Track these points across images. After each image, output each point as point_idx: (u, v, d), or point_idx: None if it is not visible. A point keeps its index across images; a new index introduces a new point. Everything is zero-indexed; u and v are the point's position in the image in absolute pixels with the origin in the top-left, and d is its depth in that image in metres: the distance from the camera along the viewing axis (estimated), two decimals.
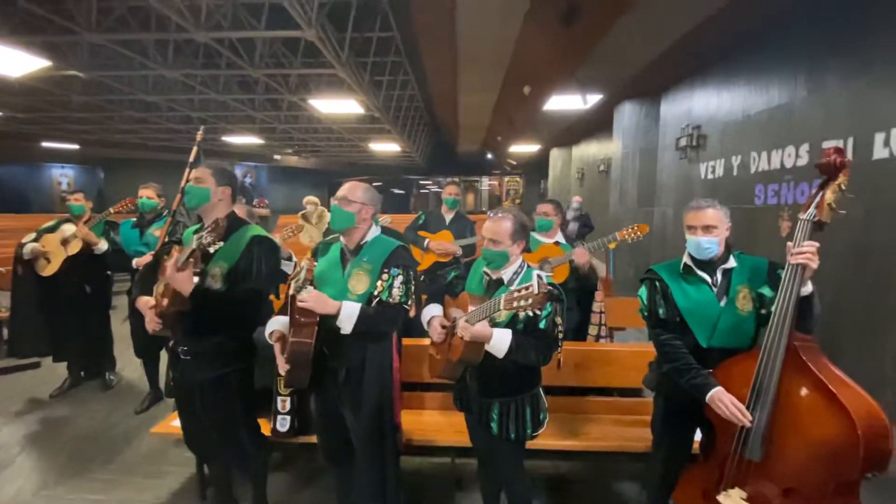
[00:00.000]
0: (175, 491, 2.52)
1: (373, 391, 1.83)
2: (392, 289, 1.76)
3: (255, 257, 1.91)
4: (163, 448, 2.88)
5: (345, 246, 1.88)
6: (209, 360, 1.91)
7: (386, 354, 1.94)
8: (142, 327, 3.31)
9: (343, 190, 1.86)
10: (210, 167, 1.97)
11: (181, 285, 1.74)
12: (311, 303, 1.64)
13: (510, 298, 1.43)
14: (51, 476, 2.65)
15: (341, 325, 1.69)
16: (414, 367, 2.55)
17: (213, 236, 1.69)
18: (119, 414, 3.39)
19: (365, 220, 1.85)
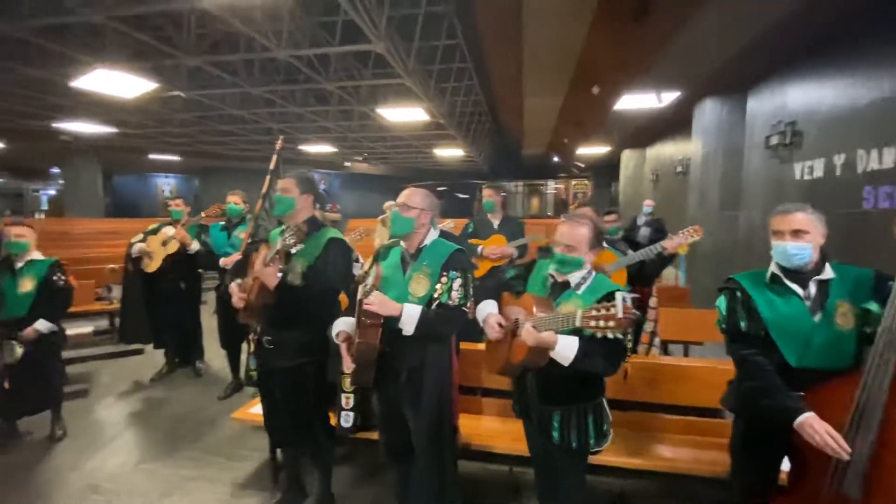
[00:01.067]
0: (251, 473, 2.73)
1: (432, 392, 1.87)
2: (451, 291, 1.79)
3: (331, 257, 2.09)
4: (242, 433, 3.13)
5: (405, 250, 1.94)
6: (289, 350, 2.09)
7: (445, 356, 1.97)
8: (227, 321, 3.67)
9: (402, 196, 1.92)
10: (295, 177, 2.15)
11: (267, 280, 1.95)
12: (375, 305, 1.71)
13: (589, 317, 1.38)
14: (149, 451, 2.99)
15: (403, 327, 1.75)
16: (472, 370, 2.55)
17: (294, 238, 1.88)
18: (206, 399, 3.73)
19: (424, 224, 1.92)
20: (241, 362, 3.71)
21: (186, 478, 2.69)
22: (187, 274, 3.96)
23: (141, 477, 2.70)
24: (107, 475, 2.71)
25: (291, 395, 2.14)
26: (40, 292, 2.88)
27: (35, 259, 2.96)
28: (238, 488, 2.59)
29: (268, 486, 2.59)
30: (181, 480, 2.66)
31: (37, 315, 2.85)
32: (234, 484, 2.63)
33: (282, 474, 2.57)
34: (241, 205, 3.71)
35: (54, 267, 2.98)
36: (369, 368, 1.81)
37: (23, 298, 2.85)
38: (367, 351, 1.77)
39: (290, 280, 2.03)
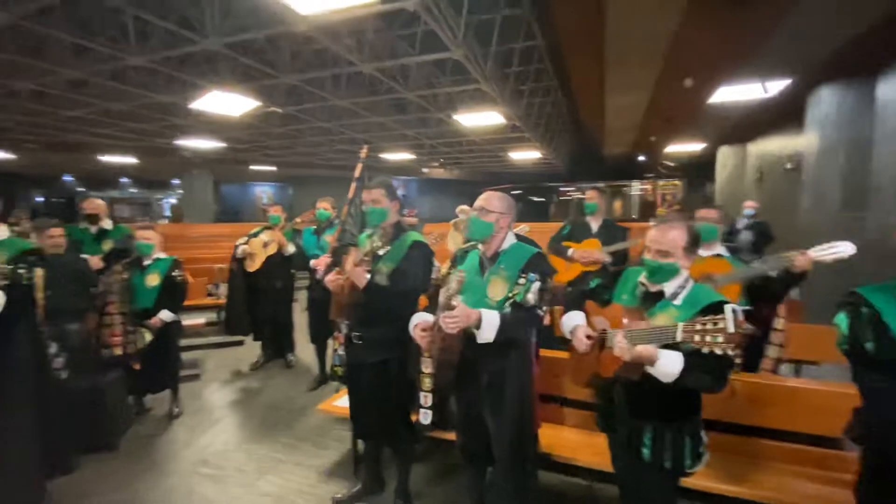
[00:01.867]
0: (335, 462, 2.90)
1: (513, 398, 1.86)
2: (528, 293, 1.77)
3: (413, 260, 2.19)
4: (327, 424, 3.33)
5: (483, 254, 1.96)
6: (375, 346, 2.23)
7: (526, 362, 1.96)
8: (317, 319, 3.93)
9: (480, 201, 1.94)
10: (383, 188, 2.26)
11: (357, 279, 2.09)
12: (457, 317, 1.69)
13: (692, 330, 1.28)
14: (247, 434, 3.30)
15: (483, 334, 1.73)
16: (553, 379, 2.48)
17: (382, 240, 2.01)
18: (296, 390, 4.04)
19: (502, 228, 1.93)
20: (327, 358, 3.97)
21: (279, 460, 2.93)
22: (283, 274, 4.33)
23: (242, 456, 2.99)
24: (214, 452, 3.03)
25: (377, 389, 2.26)
26: (163, 287, 3.34)
27: (159, 258, 3.42)
28: (323, 475, 2.77)
29: (349, 476, 2.73)
30: (275, 462, 2.90)
31: (161, 306, 3.31)
32: (320, 471, 2.81)
33: (362, 465, 2.69)
34: (330, 210, 3.98)
35: (174, 264, 3.43)
36: (450, 371, 1.84)
37: (149, 292, 3.31)
38: (448, 354, 1.79)
39: (377, 280, 2.15)
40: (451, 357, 1.79)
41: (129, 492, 2.60)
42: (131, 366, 3.19)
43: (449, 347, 1.78)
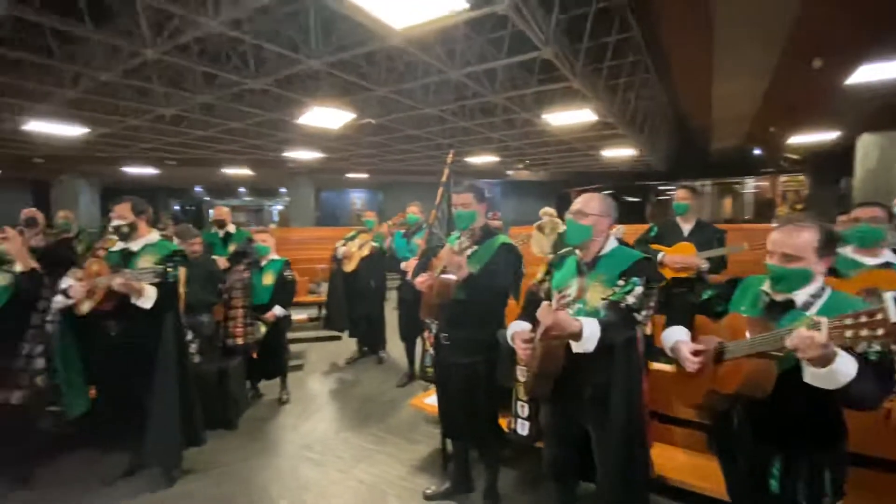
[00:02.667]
0: (424, 457, 2.98)
1: (621, 413, 1.74)
2: (627, 295, 1.63)
3: (501, 262, 2.19)
4: (416, 420, 3.45)
5: (580, 259, 1.87)
6: (463, 347, 2.25)
7: (635, 373, 1.82)
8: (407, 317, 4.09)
9: (578, 203, 1.86)
10: (472, 192, 2.29)
11: (457, 271, 2.09)
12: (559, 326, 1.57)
13: (842, 326, 1.08)
14: (344, 423, 3.53)
15: (584, 346, 1.61)
16: (659, 395, 2.30)
17: (469, 241, 2.03)
18: (387, 385, 4.24)
19: (602, 231, 1.83)
20: (417, 355, 4.12)
21: (372, 451, 3.09)
22: (376, 274, 4.59)
23: (340, 443, 3.21)
24: (316, 438, 3.29)
25: (464, 390, 2.27)
26: (277, 285, 3.72)
27: (273, 259, 3.82)
28: (413, 468, 2.86)
29: (438, 472, 2.79)
30: (369, 452, 3.07)
31: (274, 302, 3.69)
32: (410, 464, 2.91)
33: (451, 464, 2.74)
34: (419, 214, 4.13)
35: (286, 265, 3.82)
36: (549, 381, 1.77)
37: (265, 290, 3.72)
38: (550, 364, 1.72)
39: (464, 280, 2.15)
40: (554, 368, 1.72)
41: (245, 466, 2.92)
42: (250, 354, 3.61)
43: (551, 358, 1.70)
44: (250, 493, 2.63)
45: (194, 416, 2.75)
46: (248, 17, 4.82)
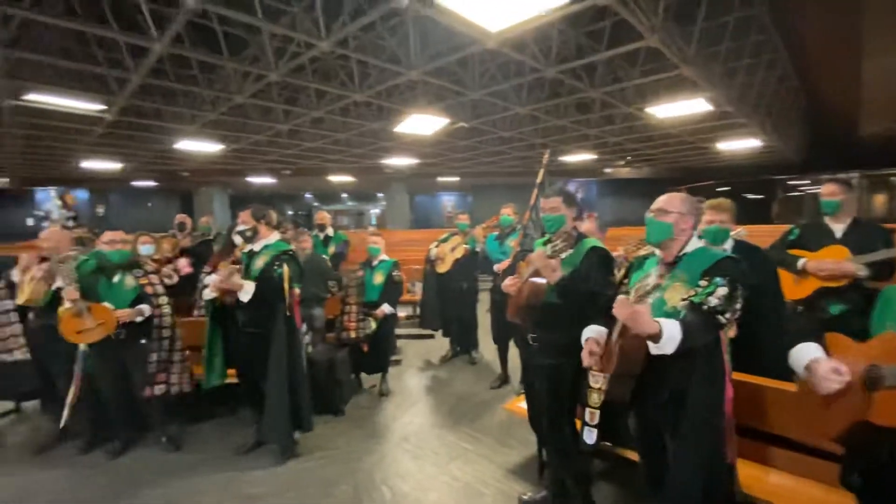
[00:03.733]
0: (518, 462, 2.95)
1: (699, 419, 1.63)
2: (710, 296, 1.51)
3: (591, 265, 2.16)
4: (510, 423, 3.42)
5: (661, 260, 1.79)
6: (550, 349, 2.23)
7: (718, 380, 1.69)
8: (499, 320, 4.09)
9: (659, 202, 1.80)
10: (560, 195, 2.28)
11: (549, 275, 2.10)
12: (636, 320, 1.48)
13: None
14: (439, 419, 3.62)
15: (663, 348, 1.50)
16: (751, 409, 2.07)
17: (564, 245, 2.01)
18: (480, 385, 4.26)
19: (684, 231, 1.75)
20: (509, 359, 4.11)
21: (467, 449, 3.13)
22: (468, 276, 4.66)
23: (435, 439, 3.30)
24: (413, 431, 3.43)
25: (549, 392, 2.25)
26: (386, 284, 4.00)
27: (383, 259, 4.11)
28: (507, 472, 2.84)
29: (533, 479, 2.73)
30: (463, 450, 3.12)
31: (383, 300, 3.98)
32: (505, 467, 2.89)
33: (547, 472, 2.67)
34: (513, 216, 4.10)
35: (395, 265, 4.09)
36: (628, 383, 1.68)
37: (375, 288, 4.03)
38: (628, 365, 1.63)
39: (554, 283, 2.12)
40: (632, 369, 1.63)
41: (350, 451, 3.14)
42: (361, 348, 3.91)
43: (630, 358, 1.62)
44: (354, 477, 2.82)
45: (303, 403, 3.02)
46: (354, 35, 5.20)
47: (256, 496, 2.64)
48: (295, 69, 6.05)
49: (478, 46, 5.11)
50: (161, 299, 3.06)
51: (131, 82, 6.22)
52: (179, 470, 2.91)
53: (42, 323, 3.02)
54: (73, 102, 6.65)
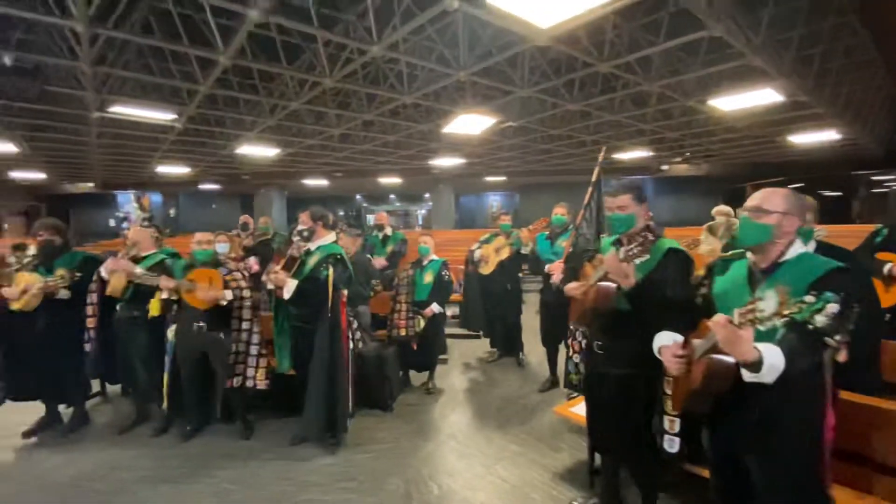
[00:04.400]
0: (568, 468, 2.88)
1: (792, 445, 1.47)
2: (817, 314, 1.26)
3: (669, 269, 1.98)
4: (561, 428, 3.35)
5: (753, 264, 1.59)
6: (620, 358, 2.10)
7: (818, 401, 1.51)
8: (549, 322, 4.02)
9: (756, 198, 1.59)
10: (629, 191, 2.09)
11: (623, 279, 1.93)
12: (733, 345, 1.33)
13: None
14: (486, 420, 3.60)
15: (761, 378, 1.35)
16: (851, 431, 1.86)
17: (640, 249, 1.84)
18: (527, 388, 4.20)
19: (787, 233, 1.53)
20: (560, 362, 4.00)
21: (515, 452, 3.10)
22: (512, 277, 4.61)
23: (482, 439, 3.29)
24: (460, 430, 3.44)
25: (619, 403, 2.13)
26: (434, 283, 4.05)
27: (433, 259, 4.17)
28: (556, 477, 2.78)
29: (584, 486, 2.66)
30: (511, 452, 3.08)
31: (432, 299, 4.02)
32: (553, 472, 2.83)
33: (598, 479, 2.59)
34: (566, 215, 4.00)
35: (444, 265, 4.12)
36: (709, 399, 1.55)
37: (425, 287, 4.08)
38: (715, 383, 1.48)
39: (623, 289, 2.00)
40: (719, 387, 1.48)
41: (399, 446, 3.20)
42: (411, 345, 3.98)
43: (719, 376, 1.46)
44: (404, 471, 2.87)
45: (340, 403, 3.06)
46: (404, 38, 5.29)
47: (313, 483, 2.76)
48: (347, 75, 6.25)
49: (528, 44, 5.05)
50: (245, 292, 3.25)
51: (199, 93, 6.69)
52: (242, 455, 3.09)
53: (126, 314, 3.31)
54: (150, 113, 7.26)
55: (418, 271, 4.15)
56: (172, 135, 9.54)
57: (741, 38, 4.78)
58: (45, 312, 3.20)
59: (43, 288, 3.10)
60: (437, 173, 16.92)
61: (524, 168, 16.39)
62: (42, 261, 3.29)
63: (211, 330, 3.16)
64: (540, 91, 7.14)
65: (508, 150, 12.70)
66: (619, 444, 2.21)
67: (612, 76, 6.79)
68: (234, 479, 2.81)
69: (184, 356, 3.22)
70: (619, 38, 5.43)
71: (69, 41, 5.22)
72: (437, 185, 18.97)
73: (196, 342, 3.17)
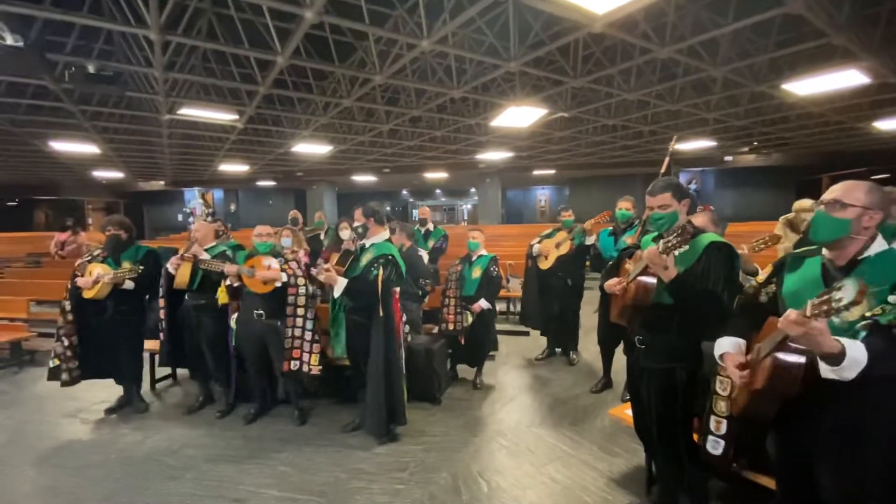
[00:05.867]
0: (623, 473, 2.76)
1: (877, 458, 1.35)
2: None
3: (710, 263, 1.93)
4: (616, 430, 3.22)
5: (829, 261, 1.49)
6: (660, 352, 2.06)
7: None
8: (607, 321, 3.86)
9: (835, 191, 1.47)
10: (668, 189, 2.05)
11: (663, 273, 1.90)
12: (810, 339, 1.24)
13: None
14: (536, 418, 3.53)
15: (842, 373, 1.25)
16: None
17: (679, 240, 1.79)
18: (578, 388, 4.08)
19: (867, 228, 1.42)
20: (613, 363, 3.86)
21: (566, 453, 3.01)
22: (574, 272, 4.47)
23: (531, 438, 3.23)
24: (509, 427, 3.40)
25: (660, 400, 2.06)
26: (483, 279, 4.01)
27: (482, 254, 4.14)
28: (611, 481, 2.68)
29: (640, 491, 2.55)
30: (562, 453, 3.00)
31: (480, 295, 3.99)
32: (608, 476, 2.73)
33: (656, 487, 2.47)
34: (632, 210, 3.81)
35: (492, 261, 4.08)
36: (776, 403, 1.45)
37: (473, 282, 4.06)
38: (783, 384, 1.39)
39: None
40: (788, 389, 1.38)
41: (448, 440, 3.20)
42: (459, 340, 3.97)
43: (787, 376, 1.37)
44: (454, 466, 2.88)
45: (398, 397, 3.12)
46: (453, 31, 5.25)
47: (364, 472, 2.83)
48: (396, 71, 6.31)
49: (582, 31, 4.85)
50: (299, 280, 3.37)
51: (258, 93, 7.00)
52: (298, 440, 3.22)
53: (193, 303, 3.54)
54: (214, 114, 7.71)
55: (467, 266, 4.13)
56: (234, 134, 10.08)
57: (822, 14, 4.34)
58: (113, 301, 3.50)
59: (113, 278, 3.37)
60: (484, 167, 16.78)
61: (575, 161, 15.90)
62: (110, 254, 3.57)
63: (269, 318, 3.31)
64: (594, 80, 6.87)
65: (558, 143, 12.36)
66: (658, 442, 2.14)
67: (672, 62, 6.39)
68: (290, 463, 2.94)
69: (244, 343, 3.41)
70: (681, 20, 5.10)
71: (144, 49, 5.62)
72: (484, 179, 18.82)
73: (255, 329, 3.34)
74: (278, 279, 3.27)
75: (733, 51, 5.96)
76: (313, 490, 2.66)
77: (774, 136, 11.63)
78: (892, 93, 7.26)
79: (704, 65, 6.00)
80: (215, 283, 3.41)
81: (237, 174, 16.86)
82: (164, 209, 22.98)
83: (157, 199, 22.59)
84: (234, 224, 20.90)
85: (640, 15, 4.80)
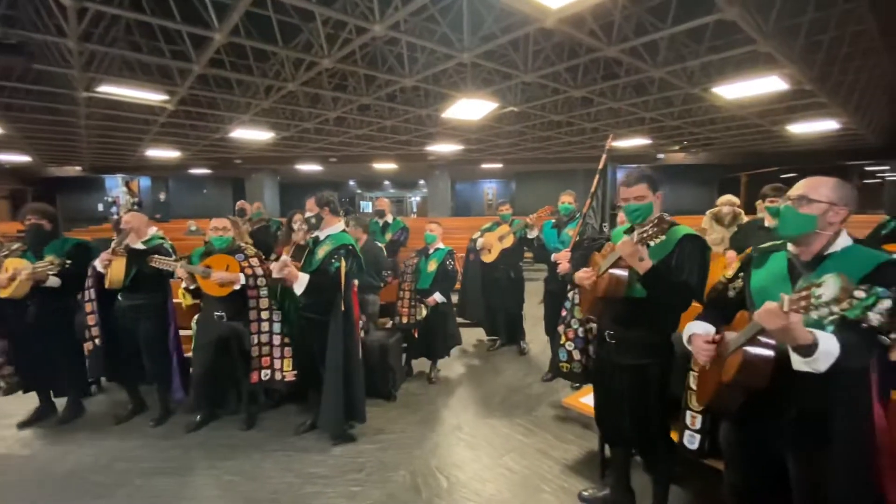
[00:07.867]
0: (577, 459, 2.85)
1: (842, 447, 1.41)
2: (869, 310, 1.16)
3: (684, 255, 1.93)
4: (566, 417, 3.33)
5: (794, 256, 1.53)
6: (632, 348, 2.06)
7: (863, 403, 1.45)
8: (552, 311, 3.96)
9: (801, 187, 1.51)
10: (644, 181, 2.03)
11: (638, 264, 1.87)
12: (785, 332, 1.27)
13: None
14: (491, 409, 3.57)
15: (813, 364, 1.28)
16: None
17: (655, 230, 1.78)
18: (531, 377, 4.18)
19: (832, 224, 1.46)
20: None
21: (522, 442, 3.07)
22: (514, 265, 4.56)
23: (488, 429, 3.26)
24: (466, 420, 3.40)
25: (632, 394, 2.09)
26: (438, 272, 3.95)
27: (439, 248, 4.08)
28: (566, 468, 2.76)
29: (594, 478, 2.64)
30: (518, 444, 3.06)
31: (435, 288, 3.93)
32: (563, 464, 2.81)
33: (609, 471, 2.57)
34: (573, 204, 3.93)
35: (449, 254, 4.03)
36: (742, 395, 1.49)
37: (428, 276, 3.98)
38: (751, 376, 1.41)
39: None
40: (756, 381, 1.42)
41: (405, 437, 3.15)
42: (412, 333, 3.91)
43: (756, 368, 1.41)
44: (412, 463, 2.83)
45: (357, 394, 3.01)
46: (405, 18, 5.11)
47: (318, 475, 2.71)
48: (345, 55, 6.06)
49: (533, 26, 4.90)
50: (260, 280, 3.09)
51: (192, 73, 6.45)
52: (245, 446, 3.03)
53: (128, 303, 3.17)
54: (139, 93, 7.00)
55: (423, 259, 4.06)
56: (163, 117, 9.25)
57: (753, 22, 4.68)
58: (36, 301, 3.08)
59: (31, 274, 2.95)
60: (434, 159, 16.70)
61: (522, 155, 16.23)
62: (30, 247, 3.15)
63: (231, 320, 3.08)
64: (543, 76, 7.00)
65: (507, 137, 12.54)
66: (634, 436, 2.17)
67: (615, 62, 6.66)
68: (238, 471, 2.76)
69: (202, 349, 3.13)
70: (626, 20, 5.30)
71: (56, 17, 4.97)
72: (433, 171, 18.76)
73: (217, 333, 3.09)
74: (236, 282, 2.99)
75: (671, 53, 6.30)
76: (263, 499, 2.51)
77: (702, 136, 12.53)
78: (805, 99, 8.02)
79: (646, 66, 6.30)
80: (152, 280, 3.09)
81: (167, 160, 15.54)
82: (82, 198, 20.73)
83: (73, 186, 20.31)
84: (165, 215, 19.33)
85: (588, 13, 4.92)
